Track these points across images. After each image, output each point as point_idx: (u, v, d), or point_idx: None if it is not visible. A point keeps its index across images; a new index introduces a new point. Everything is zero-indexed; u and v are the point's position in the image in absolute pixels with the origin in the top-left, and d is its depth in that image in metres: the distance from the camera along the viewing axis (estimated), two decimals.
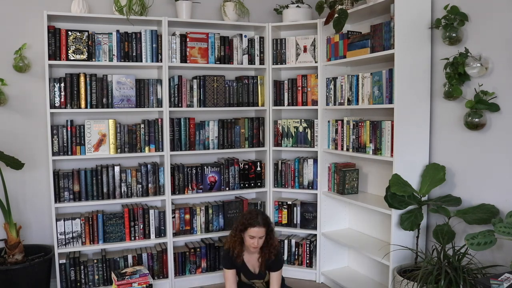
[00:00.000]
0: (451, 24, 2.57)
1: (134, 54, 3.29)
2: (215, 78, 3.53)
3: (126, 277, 3.14)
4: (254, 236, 2.77)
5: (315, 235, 3.59)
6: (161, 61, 3.34)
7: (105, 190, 3.29)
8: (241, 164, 3.67)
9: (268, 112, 3.68)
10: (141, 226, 3.38)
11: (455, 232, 2.55)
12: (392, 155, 2.80)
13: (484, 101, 2.42)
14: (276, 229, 3.71)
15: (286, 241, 3.70)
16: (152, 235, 3.42)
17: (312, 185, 3.57)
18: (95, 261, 3.30)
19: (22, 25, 3.25)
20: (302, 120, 3.61)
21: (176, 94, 3.42)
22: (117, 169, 3.31)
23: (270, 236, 2.85)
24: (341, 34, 3.25)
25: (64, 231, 3.21)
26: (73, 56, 3.15)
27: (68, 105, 3.18)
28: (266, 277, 2.94)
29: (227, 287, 2.89)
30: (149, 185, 3.39)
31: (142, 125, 3.36)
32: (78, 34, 3.15)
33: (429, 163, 2.84)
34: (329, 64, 3.44)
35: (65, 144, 3.19)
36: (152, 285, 3.19)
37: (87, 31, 3.18)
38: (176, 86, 3.42)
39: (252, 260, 2.91)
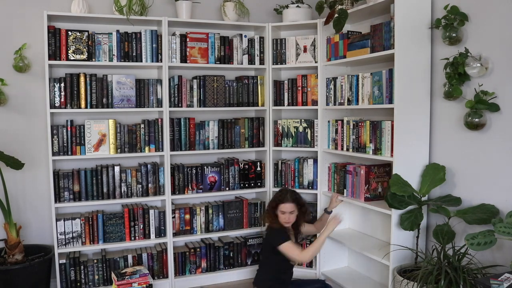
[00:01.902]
0: (451, 24, 2.57)
1: (134, 54, 3.29)
2: (215, 78, 3.53)
3: (126, 277, 3.14)
4: (284, 211, 2.94)
5: (315, 235, 3.59)
6: (161, 61, 3.34)
7: (105, 190, 3.29)
8: (241, 164, 3.67)
9: (268, 112, 3.68)
10: (141, 226, 3.39)
11: (455, 232, 2.55)
12: (392, 155, 2.80)
13: (484, 101, 2.42)
14: None
15: None
16: (152, 235, 3.42)
17: (312, 185, 3.57)
18: (95, 261, 3.30)
19: (22, 25, 3.25)
20: (302, 120, 3.61)
21: (176, 94, 3.42)
22: (117, 169, 3.31)
23: (302, 211, 3.02)
24: (341, 34, 3.25)
25: (64, 231, 3.21)
26: (73, 56, 3.15)
27: (68, 105, 3.18)
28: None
29: (297, 252, 2.85)
30: (149, 185, 3.39)
31: (142, 125, 3.36)
32: (78, 34, 3.15)
33: (429, 163, 2.84)
34: (329, 64, 3.44)
35: (65, 144, 3.19)
36: (152, 285, 3.19)
37: (87, 31, 3.18)
38: (176, 86, 3.42)
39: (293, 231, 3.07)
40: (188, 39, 3.42)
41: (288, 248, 2.85)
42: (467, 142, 2.62)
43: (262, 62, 3.64)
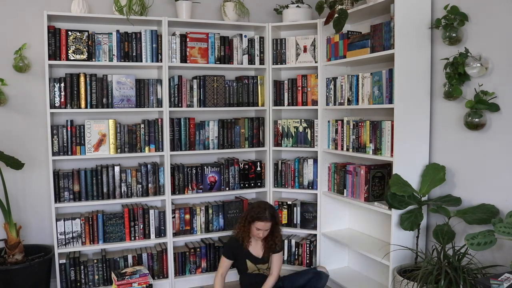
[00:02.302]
0: (451, 24, 2.57)
1: (134, 54, 3.29)
2: (215, 78, 3.53)
3: (126, 277, 3.14)
4: (260, 228, 2.96)
5: (315, 235, 3.59)
6: (161, 61, 3.34)
7: (105, 190, 3.29)
8: (241, 164, 3.67)
9: (268, 112, 3.68)
10: (141, 226, 3.39)
11: (455, 232, 2.55)
12: (392, 155, 2.80)
13: (484, 101, 2.42)
14: None
15: (286, 241, 3.70)
16: (152, 235, 3.42)
17: (312, 185, 3.57)
18: (95, 261, 3.30)
19: (22, 25, 3.25)
20: (302, 120, 3.61)
21: (176, 94, 3.42)
22: (117, 169, 3.31)
23: (275, 229, 3.04)
24: (341, 34, 3.25)
25: (64, 231, 3.21)
26: (73, 56, 3.15)
27: (68, 105, 3.18)
28: (270, 263, 3.14)
29: (220, 272, 3.05)
30: (149, 185, 3.39)
31: (142, 125, 3.36)
32: (78, 34, 3.15)
33: (429, 163, 2.84)
34: (329, 64, 3.44)
35: (65, 144, 3.19)
36: (152, 285, 3.19)
37: (87, 31, 3.18)
38: (176, 86, 3.42)
39: (257, 248, 3.09)
40: (188, 39, 3.42)
41: (220, 262, 3.09)
42: (467, 142, 2.62)
43: (262, 62, 3.65)
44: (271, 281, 3.03)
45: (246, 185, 3.68)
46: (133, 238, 3.37)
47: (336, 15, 3.01)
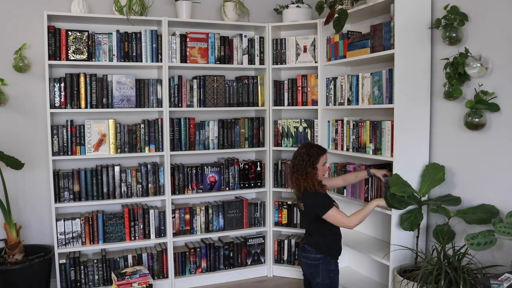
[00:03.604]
0: (451, 24, 2.57)
1: (134, 54, 3.29)
2: (215, 78, 3.53)
3: (126, 277, 3.14)
4: (326, 162, 2.68)
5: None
6: (161, 61, 3.34)
7: (105, 190, 3.29)
8: (241, 164, 3.67)
9: (268, 112, 3.68)
10: (141, 226, 3.38)
11: (455, 232, 2.55)
12: (392, 155, 2.80)
13: (484, 101, 2.42)
14: (276, 229, 3.72)
15: (286, 241, 3.70)
16: (152, 235, 3.42)
17: None
18: (95, 261, 3.30)
19: (22, 25, 3.25)
20: (302, 120, 3.61)
21: (176, 94, 3.42)
22: (117, 169, 3.31)
23: None
24: (341, 34, 3.25)
25: (64, 231, 3.21)
26: (73, 56, 3.15)
27: (68, 105, 3.18)
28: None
29: (343, 219, 2.55)
30: (149, 185, 3.39)
31: (142, 125, 3.36)
32: (78, 34, 3.15)
33: (429, 163, 2.84)
34: (329, 64, 3.44)
35: (65, 144, 3.19)
36: (152, 285, 3.19)
37: (87, 31, 3.18)
38: (176, 86, 3.42)
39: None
40: (188, 39, 3.42)
41: (333, 217, 2.53)
42: (467, 142, 2.62)
43: (262, 62, 3.64)
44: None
45: (246, 185, 3.68)
46: (133, 238, 3.37)
47: (336, 15, 3.01)
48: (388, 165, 3.10)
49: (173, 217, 3.48)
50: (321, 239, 2.61)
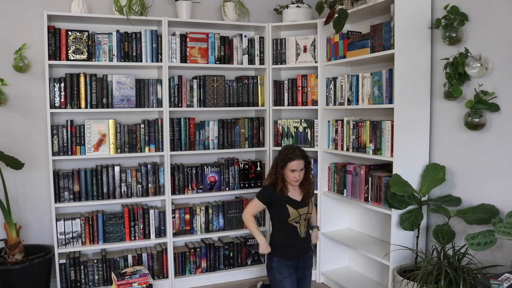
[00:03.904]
0: (451, 24, 2.57)
1: (134, 54, 3.29)
2: (215, 78, 3.53)
3: (126, 277, 3.14)
4: (295, 169, 2.65)
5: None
6: (161, 61, 3.34)
7: (105, 190, 3.29)
8: (241, 164, 3.67)
9: (268, 112, 3.68)
10: (141, 226, 3.38)
11: (455, 232, 2.56)
12: (392, 155, 2.80)
13: (484, 101, 2.42)
14: None
15: None
16: (152, 235, 3.42)
17: None
18: (95, 261, 3.30)
19: (22, 25, 3.25)
20: (302, 120, 3.61)
21: (176, 94, 3.42)
22: (117, 169, 3.31)
23: (308, 169, 2.75)
24: (341, 34, 3.25)
25: (64, 231, 3.21)
26: (73, 56, 3.15)
27: (68, 105, 3.18)
28: (310, 207, 2.81)
29: (250, 212, 2.71)
30: (149, 185, 3.39)
31: (142, 125, 3.36)
32: (78, 34, 3.15)
33: (429, 163, 2.84)
34: (329, 64, 3.44)
35: (65, 144, 3.19)
36: (152, 285, 3.19)
37: (87, 31, 3.18)
38: (176, 86, 3.42)
39: (295, 193, 2.77)
40: (188, 39, 3.42)
41: (249, 203, 2.74)
42: (467, 142, 2.62)
43: (262, 62, 3.64)
44: (316, 232, 2.83)
45: (246, 185, 3.68)
46: (133, 238, 3.37)
47: (336, 15, 3.01)
48: (388, 165, 3.11)
49: (173, 217, 3.48)
50: (272, 233, 2.77)
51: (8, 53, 3.20)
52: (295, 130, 3.63)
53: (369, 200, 3.05)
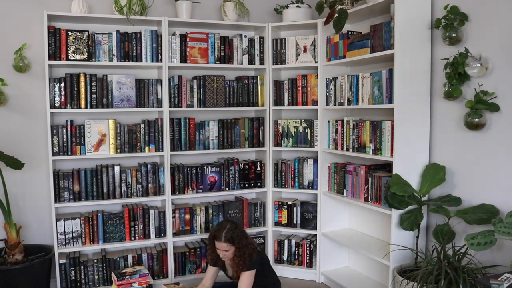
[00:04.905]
0: (451, 24, 2.57)
1: (134, 54, 3.29)
2: (215, 78, 3.53)
3: (126, 277, 3.13)
4: (218, 248, 2.75)
5: (315, 235, 3.59)
6: (161, 61, 3.34)
7: (105, 190, 3.29)
8: (241, 164, 3.67)
9: (268, 112, 3.68)
10: (141, 226, 3.39)
11: (455, 232, 2.56)
12: (392, 155, 2.80)
13: (484, 101, 2.42)
14: (276, 229, 3.72)
15: (286, 241, 3.70)
16: (152, 235, 3.42)
17: (312, 185, 3.57)
18: (95, 261, 3.30)
19: (22, 25, 3.25)
20: (302, 120, 3.61)
21: (176, 94, 3.42)
22: (117, 169, 3.31)
23: (240, 251, 2.72)
24: (341, 34, 3.25)
25: (64, 231, 3.21)
26: (73, 56, 3.15)
27: (68, 105, 3.18)
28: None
29: (204, 280, 2.93)
30: (149, 185, 3.39)
31: (142, 125, 3.36)
32: (78, 34, 3.15)
33: (429, 163, 2.84)
34: (329, 64, 3.44)
35: (65, 144, 3.19)
36: (152, 285, 3.19)
37: (87, 31, 3.18)
38: (176, 86, 3.42)
39: (229, 266, 2.87)
40: (188, 39, 3.42)
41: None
42: (467, 142, 2.62)
43: (262, 62, 3.64)
44: None
45: (246, 185, 3.68)
46: (133, 238, 3.37)
47: (336, 15, 3.01)
48: (388, 165, 3.11)
49: (173, 217, 3.48)
50: None
51: (8, 53, 3.20)
52: (295, 130, 3.63)
53: (369, 200, 3.05)
